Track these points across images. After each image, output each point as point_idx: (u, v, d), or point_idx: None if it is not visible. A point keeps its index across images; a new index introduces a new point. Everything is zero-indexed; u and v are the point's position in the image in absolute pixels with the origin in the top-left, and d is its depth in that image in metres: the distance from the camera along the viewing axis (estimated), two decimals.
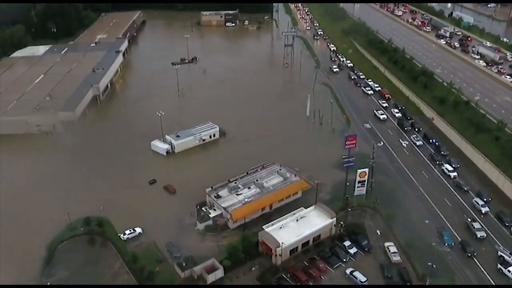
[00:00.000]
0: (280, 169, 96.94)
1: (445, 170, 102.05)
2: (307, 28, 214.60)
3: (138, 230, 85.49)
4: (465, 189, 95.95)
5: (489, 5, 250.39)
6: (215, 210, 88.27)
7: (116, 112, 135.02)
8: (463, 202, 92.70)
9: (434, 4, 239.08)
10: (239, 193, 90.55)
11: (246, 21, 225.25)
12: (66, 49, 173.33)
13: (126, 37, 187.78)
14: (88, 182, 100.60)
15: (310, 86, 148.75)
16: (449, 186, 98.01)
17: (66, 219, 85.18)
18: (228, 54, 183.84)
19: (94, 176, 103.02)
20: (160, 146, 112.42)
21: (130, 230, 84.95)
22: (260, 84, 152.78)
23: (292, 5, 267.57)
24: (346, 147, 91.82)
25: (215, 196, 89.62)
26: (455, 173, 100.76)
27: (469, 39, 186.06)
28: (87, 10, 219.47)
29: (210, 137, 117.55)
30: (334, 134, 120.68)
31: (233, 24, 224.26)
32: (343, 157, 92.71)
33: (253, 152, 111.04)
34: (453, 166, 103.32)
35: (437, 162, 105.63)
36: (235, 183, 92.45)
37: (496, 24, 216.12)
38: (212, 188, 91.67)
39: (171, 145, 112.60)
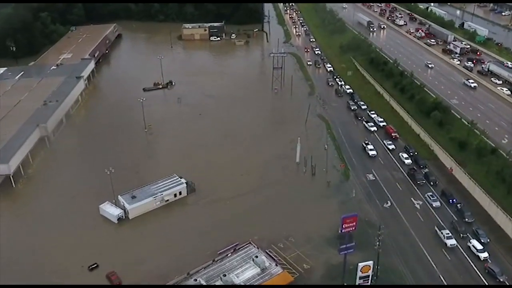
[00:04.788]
0: (257, 256, 73.66)
1: (472, 248, 78.90)
2: (306, 51, 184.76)
3: None
4: (501, 279, 72.82)
5: (503, 13, 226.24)
6: None
7: (66, 159, 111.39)
8: None
9: (443, 13, 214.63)
10: None
11: (233, 35, 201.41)
12: (22, 73, 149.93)
13: (94, 56, 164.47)
14: (10, 267, 77.59)
15: (302, 118, 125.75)
16: (479, 273, 74.73)
17: None
18: (209, 76, 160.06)
19: (21, 254, 79.99)
20: (110, 211, 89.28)
21: None
22: (243, 117, 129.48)
23: (286, 16, 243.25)
24: (343, 231, 68.73)
25: None
26: (486, 254, 77.41)
27: (478, 53, 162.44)
28: (55, 24, 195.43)
29: (175, 195, 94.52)
30: (330, 189, 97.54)
31: (218, 38, 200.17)
32: (340, 246, 69.68)
33: (227, 219, 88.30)
34: (482, 241, 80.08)
35: (461, 234, 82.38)
36: (195, 280, 69.29)
37: None
38: None
39: (124, 210, 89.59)
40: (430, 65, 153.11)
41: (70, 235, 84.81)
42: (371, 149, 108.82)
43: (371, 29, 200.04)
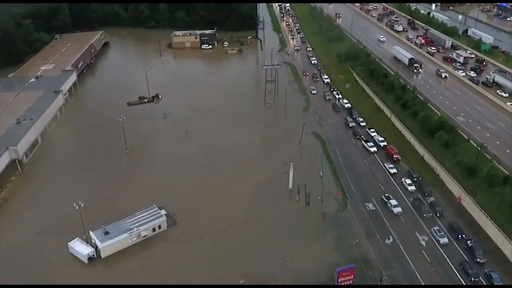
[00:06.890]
0: None
1: None
2: (305, 75, 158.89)
3: None
4: None
5: (508, 19, 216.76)
6: None
7: (37, 185, 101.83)
8: None
9: (445, 18, 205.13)
10: None
11: (226, 42, 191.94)
12: None
13: (78, 67, 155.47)
14: None
15: (296, 136, 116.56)
16: None
17: None
18: (199, 88, 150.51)
19: None
20: (79, 250, 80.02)
21: None
22: (233, 135, 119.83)
23: (282, 23, 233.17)
24: (338, 284, 59.68)
25: None
26: None
27: (483, 63, 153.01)
28: (39, 31, 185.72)
29: (154, 230, 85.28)
30: (325, 221, 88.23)
31: (210, 47, 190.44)
32: None
33: (210, 258, 79.38)
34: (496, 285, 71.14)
35: (472, 278, 73.29)
36: None
37: None
38: None
39: (96, 248, 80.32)
40: None
41: (33, 279, 75.59)
42: (395, 205, 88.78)
43: (415, 70, 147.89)
